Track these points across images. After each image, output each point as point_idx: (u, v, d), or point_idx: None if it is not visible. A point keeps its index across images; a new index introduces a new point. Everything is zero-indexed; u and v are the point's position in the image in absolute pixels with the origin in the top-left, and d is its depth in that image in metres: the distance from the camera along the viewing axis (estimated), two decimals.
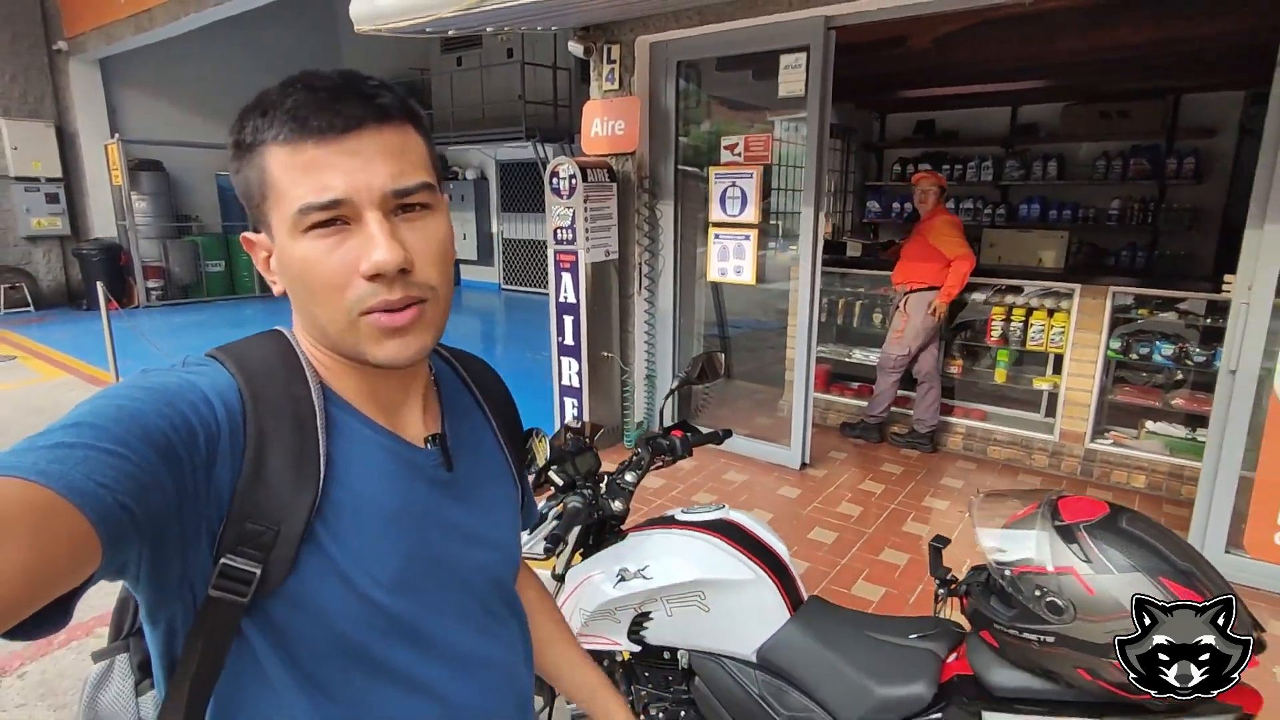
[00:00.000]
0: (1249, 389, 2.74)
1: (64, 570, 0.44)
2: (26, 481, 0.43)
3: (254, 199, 0.62)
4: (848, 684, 1.36)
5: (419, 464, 0.69)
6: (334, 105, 0.58)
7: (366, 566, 0.62)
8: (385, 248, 0.58)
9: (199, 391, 0.58)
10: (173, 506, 0.52)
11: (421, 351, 0.63)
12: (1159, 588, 1.03)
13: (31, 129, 9.07)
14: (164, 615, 0.59)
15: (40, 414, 5.16)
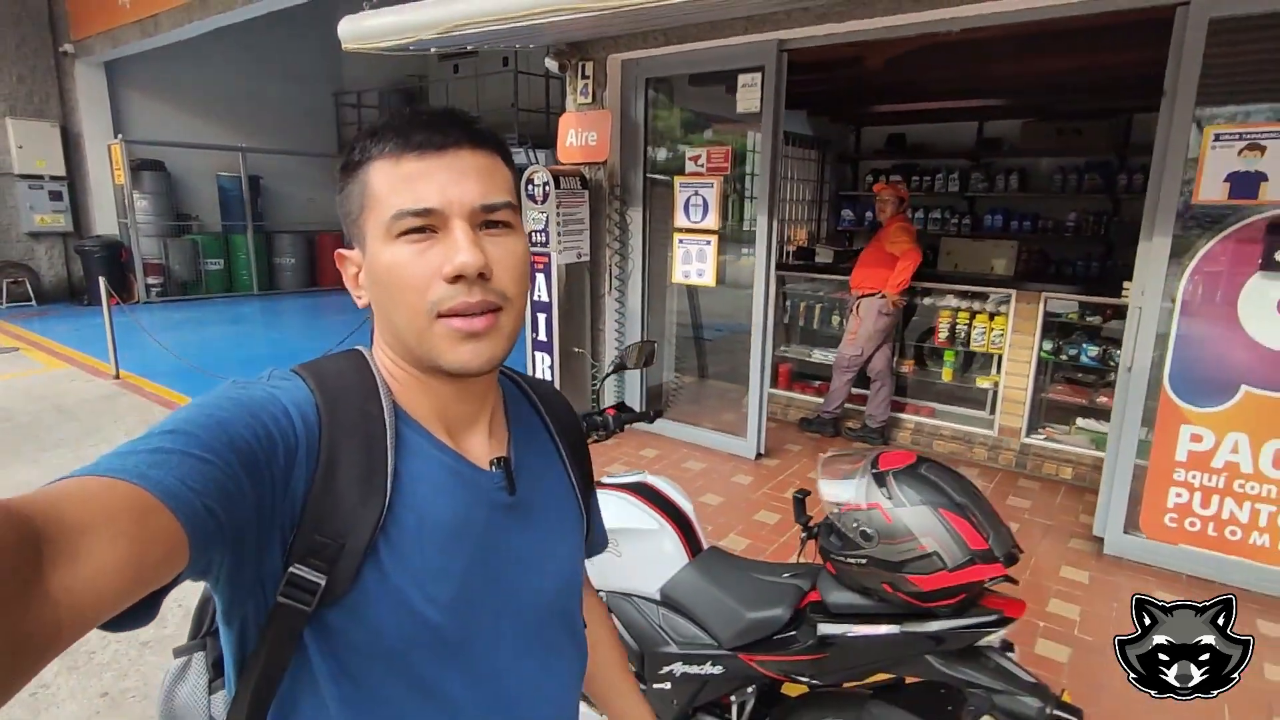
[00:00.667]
0: (1142, 385, 3.04)
1: (159, 567, 0.46)
2: (130, 484, 0.46)
3: (354, 213, 0.67)
4: (726, 611, 1.65)
5: (482, 486, 0.70)
6: (435, 126, 0.65)
7: (423, 585, 0.64)
8: (468, 251, 0.62)
9: (280, 405, 0.61)
10: (252, 512, 0.55)
11: (493, 360, 0.66)
12: (938, 517, 1.32)
13: (37, 128, 9.36)
14: (238, 615, 0.61)
15: (41, 401, 5.43)
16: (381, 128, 0.66)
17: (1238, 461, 2.89)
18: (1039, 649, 2.54)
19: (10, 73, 9.21)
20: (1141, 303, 2.99)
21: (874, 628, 1.42)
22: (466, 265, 0.61)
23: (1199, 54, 2.74)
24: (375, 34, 3.33)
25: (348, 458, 0.62)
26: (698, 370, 5.72)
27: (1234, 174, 2.74)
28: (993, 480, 4.07)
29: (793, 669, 1.53)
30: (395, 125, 0.65)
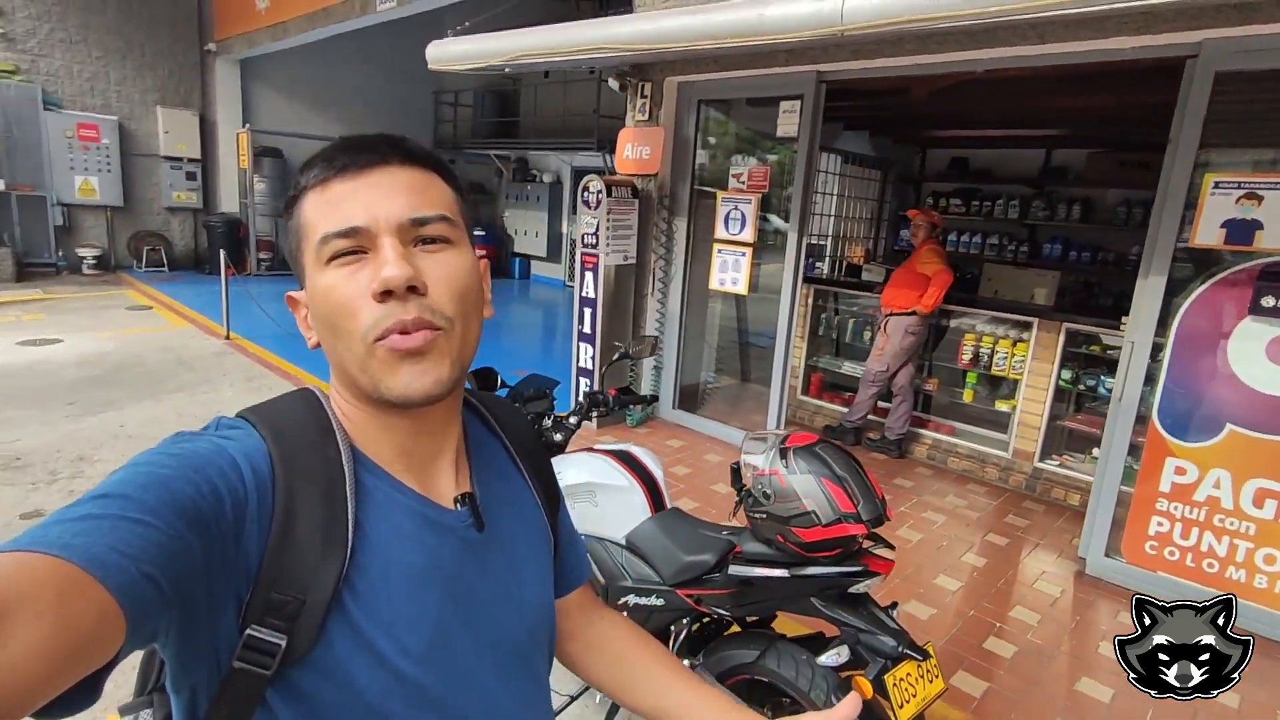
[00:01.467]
0: (1130, 416, 3.18)
1: (90, 644, 0.43)
2: (49, 556, 0.43)
3: (294, 251, 0.65)
4: (670, 555, 2.01)
5: (449, 526, 0.68)
6: (360, 146, 0.63)
7: (395, 636, 0.61)
8: (394, 264, 0.58)
9: (228, 457, 0.57)
10: (200, 575, 0.52)
11: (438, 384, 0.62)
12: (819, 484, 1.65)
13: (181, 116, 10.62)
14: (188, 683, 0.58)
15: (167, 352, 6.33)
16: (311, 158, 0.65)
17: (1219, 497, 2.99)
18: (987, 644, 2.76)
19: (164, 67, 10.49)
20: (1135, 337, 3.14)
21: (770, 571, 1.76)
22: (391, 278, 0.58)
23: (1204, 104, 2.88)
24: (455, 58, 3.84)
25: (305, 508, 0.59)
26: (740, 373, 6.03)
27: (1230, 220, 2.86)
28: (998, 499, 4.22)
29: (713, 601, 1.88)
30: (323, 153, 0.64)
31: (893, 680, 1.60)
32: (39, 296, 8.48)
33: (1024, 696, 2.47)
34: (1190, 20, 2.79)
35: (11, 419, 4.52)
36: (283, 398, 0.68)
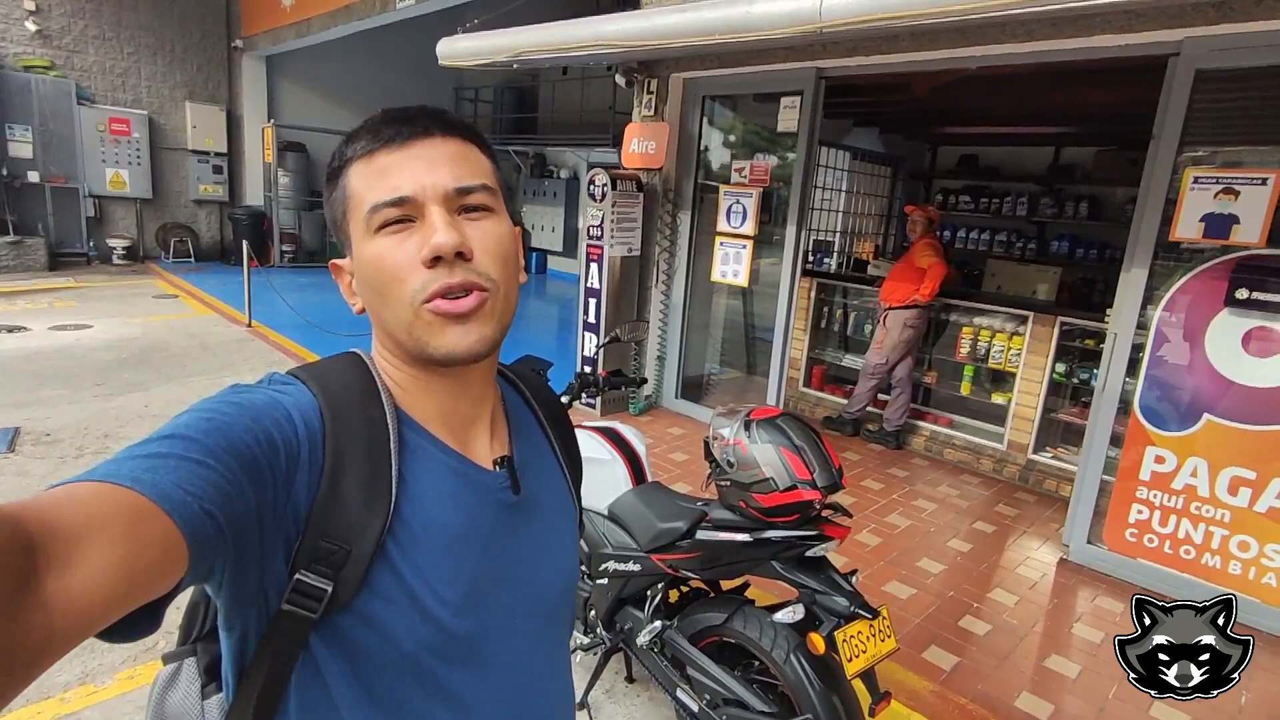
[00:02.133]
0: (1112, 406, 3.25)
1: (155, 572, 0.46)
2: (123, 487, 0.46)
3: (338, 220, 0.68)
4: (647, 523, 2.15)
5: (487, 486, 0.71)
6: (404, 119, 0.65)
7: (434, 586, 0.64)
8: (443, 231, 0.61)
9: (283, 409, 0.60)
10: (254, 518, 0.54)
11: (481, 342, 0.65)
12: (778, 453, 1.77)
13: (208, 111, 10.92)
14: (239, 622, 0.61)
15: (191, 338, 6.57)
16: (355, 131, 0.67)
17: (1196, 485, 3.06)
18: (962, 622, 2.86)
19: (192, 63, 10.80)
20: (1117, 329, 3.21)
21: (734, 535, 1.89)
22: (442, 245, 0.61)
23: (1185, 101, 2.95)
24: (464, 54, 3.99)
25: (352, 462, 0.62)
26: (746, 366, 6.13)
27: (1209, 215, 2.93)
28: (991, 489, 4.30)
29: (682, 564, 2.02)
30: (367, 125, 0.66)
31: (843, 637, 1.72)
32: (71, 284, 8.81)
33: (992, 670, 2.57)
34: (1171, 19, 2.85)
35: (44, 398, 4.77)
36: (331, 359, 0.70)
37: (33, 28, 9.40)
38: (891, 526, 3.68)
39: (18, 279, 8.89)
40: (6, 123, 9.25)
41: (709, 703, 2.03)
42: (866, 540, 3.50)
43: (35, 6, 9.38)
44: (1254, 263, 2.84)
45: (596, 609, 2.33)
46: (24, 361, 5.50)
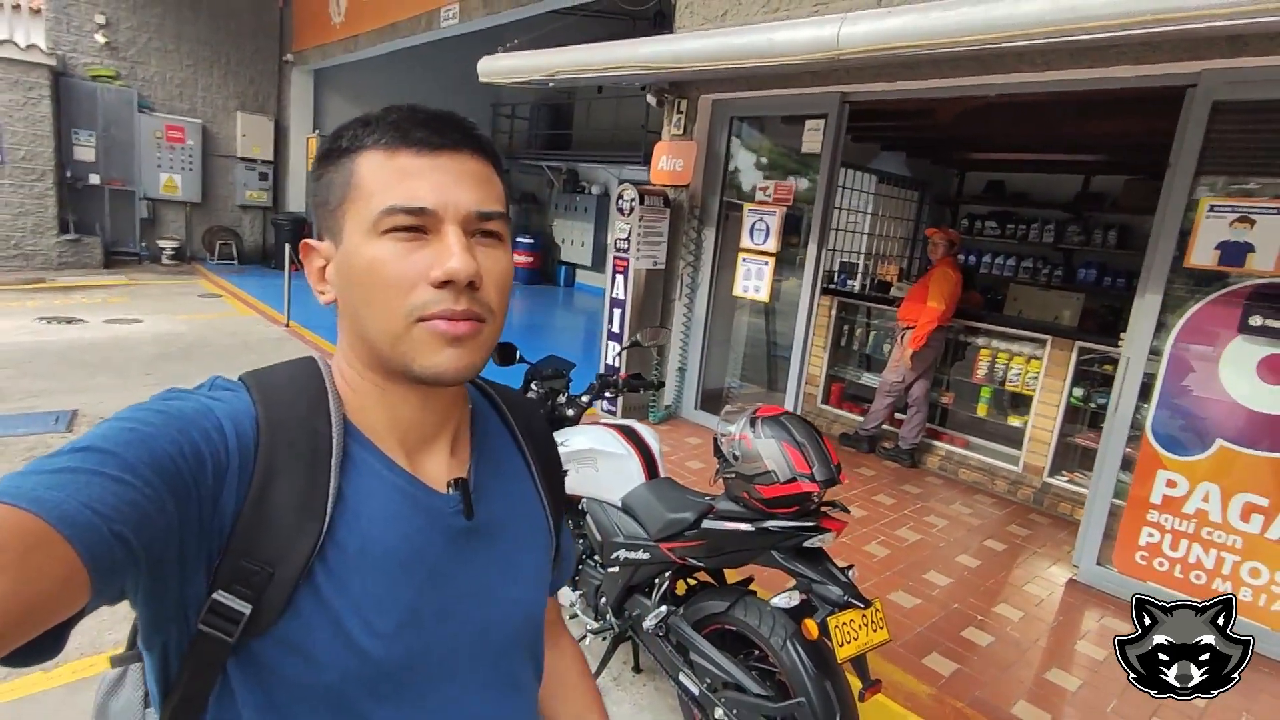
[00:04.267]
0: (1125, 429, 3.28)
1: (49, 602, 0.43)
2: (19, 509, 0.43)
3: (330, 202, 0.63)
4: (657, 514, 2.26)
5: (437, 509, 0.66)
6: (436, 125, 0.63)
7: (364, 615, 0.60)
8: (461, 257, 0.59)
9: (214, 418, 0.57)
10: (174, 534, 0.52)
11: (471, 369, 0.63)
12: (780, 448, 1.88)
13: (257, 121, 11.40)
14: (159, 640, 0.58)
15: (233, 336, 6.86)
16: (376, 118, 0.64)
17: (1207, 510, 3.08)
18: (965, 633, 2.91)
19: (245, 75, 11.30)
20: (1130, 353, 3.25)
21: (737, 525, 1.99)
22: (458, 272, 0.59)
23: (1201, 131, 3.02)
24: (503, 72, 4.20)
25: (286, 477, 0.58)
26: (767, 383, 6.22)
27: (1224, 243, 2.98)
28: (1004, 510, 4.32)
29: (688, 553, 2.12)
30: (393, 119, 0.63)
31: (836, 623, 1.81)
32: (123, 282, 9.23)
33: (991, 679, 2.62)
34: (1188, 51, 2.93)
35: (98, 384, 5.05)
36: (284, 364, 0.67)
37: (102, 40, 9.95)
38: (901, 540, 3.73)
39: (75, 275, 9.35)
40: (73, 128, 9.77)
41: (709, 686, 2.12)
42: (875, 551, 3.56)
43: (105, 20, 9.93)
44: (1269, 290, 2.88)
45: (607, 595, 2.44)
46: (81, 351, 5.81)
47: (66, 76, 9.66)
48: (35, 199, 9.40)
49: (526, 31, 6.83)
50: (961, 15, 2.31)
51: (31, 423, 4.27)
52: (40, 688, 2.25)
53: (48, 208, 9.50)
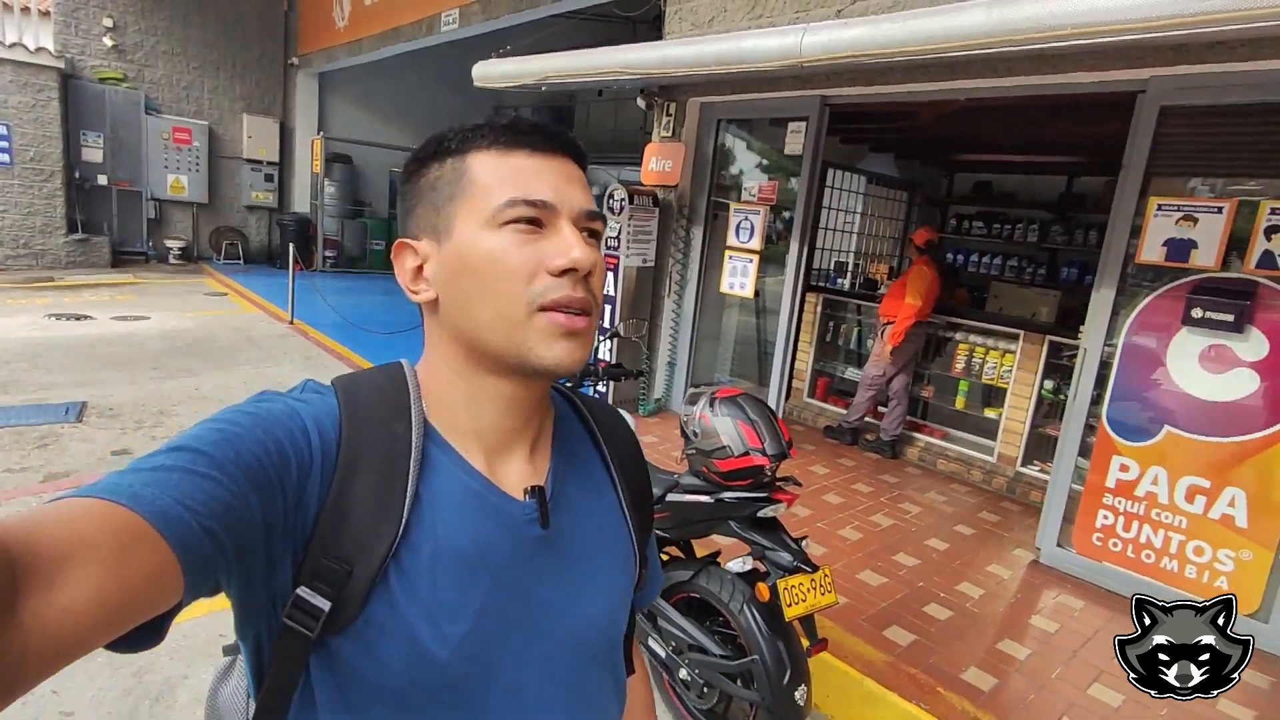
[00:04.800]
0: (1082, 417, 3.46)
1: (146, 595, 0.45)
2: (118, 505, 0.45)
3: (439, 200, 0.66)
4: None
5: (512, 516, 0.67)
6: (542, 131, 0.67)
7: (434, 620, 0.61)
8: (582, 248, 0.63)
9: (299, 420, 0.60)
10: (260, 531, 0.54)
11: (582, 362, 0.65)
12: (734, 425, 2.06)
13: (263, 123, 11.63)
14: (251, 632, 0.61)
15: (238, 332, 7.07)
16: (484, 124, 0.67)
17: (1156, 492, 3.25)
18: (926, 608, 3.08)
19: (251, 78, 11.53)
20: (1088, 344, 3.43)
21: (697, 497, 2.17)
22: (581, 260, 0.62)
23: (1150, 135, 3.19)
24: (497, 77, 4.39)
25: (365, 478, 0.60)
26: (757, 378, 6.40)
27: (1171, 240, 3.15)
28: (978, 498, 4.49)
29: (655, 524, 2.30)
30: (501, 124, 0.66)
31: (784, 586, 2.00)
32: (130, 280, 9.45)
33: (946, 648, 2.79)
34: (1136, 59, 3.10)
35: (106, 378, 5.25)
36: (374, 368, 0.69)
37: (109, 43, 10.18)
38: (874, 525, 3.90)
39: (83, 274, 9.58)
40: (81, 129, 10.00)
41: (674, 649, 2.30)
42: (848, 535, 3.74)
43: (113, 23, 10.16)
44: (1209, 284, 3.05)
45: None
46: (89, 346, 6.02)
47: (75, 79, 9.89)
48: (44, 199, 9.63)
49: (524, 36, 7.03)
50: (908, 27, 2.49)
51: (43, 413, 4.48)
52: None
53: (56, 208, 9.73)
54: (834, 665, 2.61)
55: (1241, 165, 3.07)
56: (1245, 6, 1.90)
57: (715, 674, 2.18)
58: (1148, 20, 1.99)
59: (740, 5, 4.41)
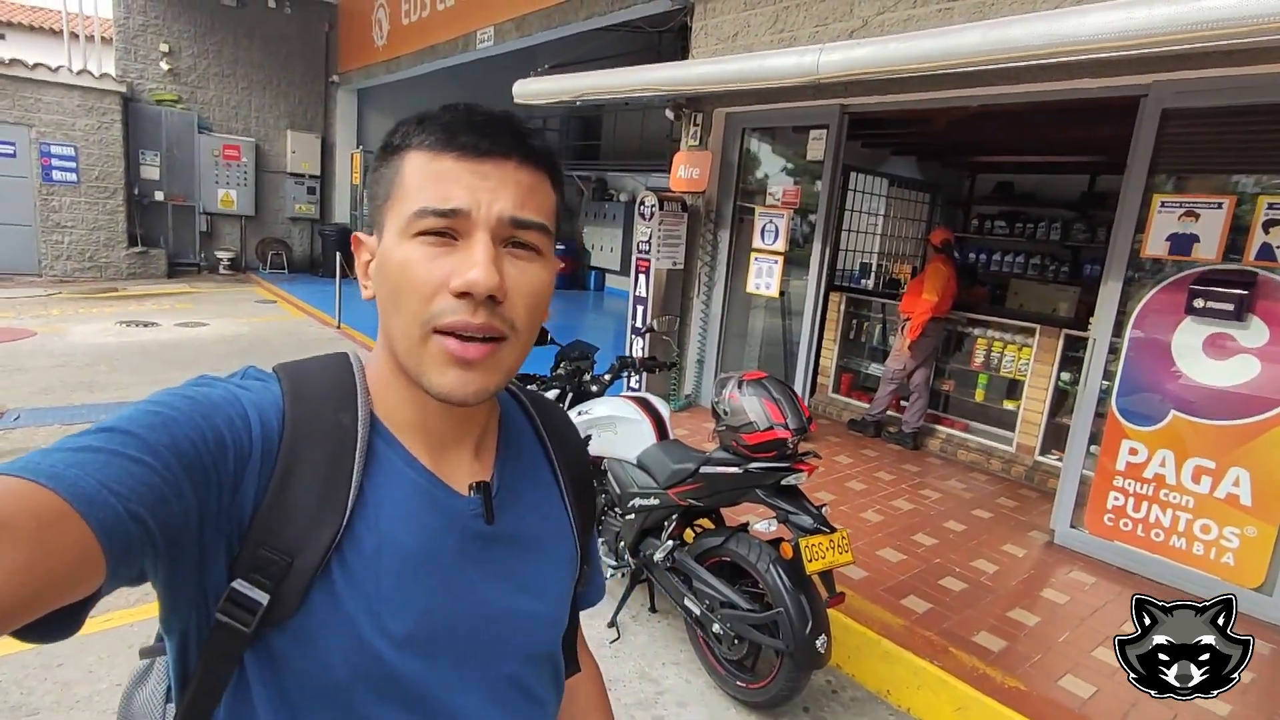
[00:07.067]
0: (1093, 403, 3.64)
1: (64, 579, 0.43)
2: (36, 484, 0.43)
3: (379, 198, 0.63)
4: (664, 466, 2.72)
5: (457, 511, 0.66)
6: (485, 130, 0.61)
7: (377, 615, 0.59)
8: (483, 268, 0.57)
9: (239, 407, 0.58)
10: (193, 519, 0.52)
11: (482, 393, 0.61)
12: (760, 403, 2.32)
13: (306, 139, 12.18)
14: (177, 627, 0.58)
15: (288, 336, 7.51)
16: (429, 117, 0.62)
17: (1164, 474, 3.43)
18: (942, 581, 3.30)
19: (295, 95, 12.10)
20: (1097, 334, 3.62)
21: (727, 468, 2.44)
22: (476, 283, 0.57)
23: (1153, 136, 3.38)
24: (535, 94, 4.71)
25: (308, 470, 0.58)
26: (783, 374, 6.63)
27: (1174, 234, 3.34)
28: (997, 485, 4.68)
29: (689, 494, 2.58)
30: (444, 120, 0.62)
31: (806, 544, 2.25)
32: (187, 290, 10.00)
33: (959, 615, 3.01)
34: (1139, 66, 3.30)
35: (176, 377, 5.60)
36: (318, 357, 0.67)
37: (165, 67, 10.80)
38: (895, 509, 4.12)
39: (144, 284, 10.17)
40: (140, 149, 10.61)
41: (708, 607, 2.57)
42: (870, 518, 3.96)
43: (168, 49, 10.77)
44: (1211, 276, 3.23)
45: (624, 539, 2.90)
46: (159, 349, 6.49)
47: (134, 101, 10.51)
48: (107, 215, 10.25)
49: (554, 51, 7.37)
50: (914, 46, 2.73)
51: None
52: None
53: (118, 223, 10.35)
54: (853, 628, 2.85)
55: (1241, 163, 3.26)
56: (1182, 28, 2.10)
57: (745, 626, 2.44)
58: (1122, 39, 2.21)
59: (763, 21, 4.68)
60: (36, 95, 9.50)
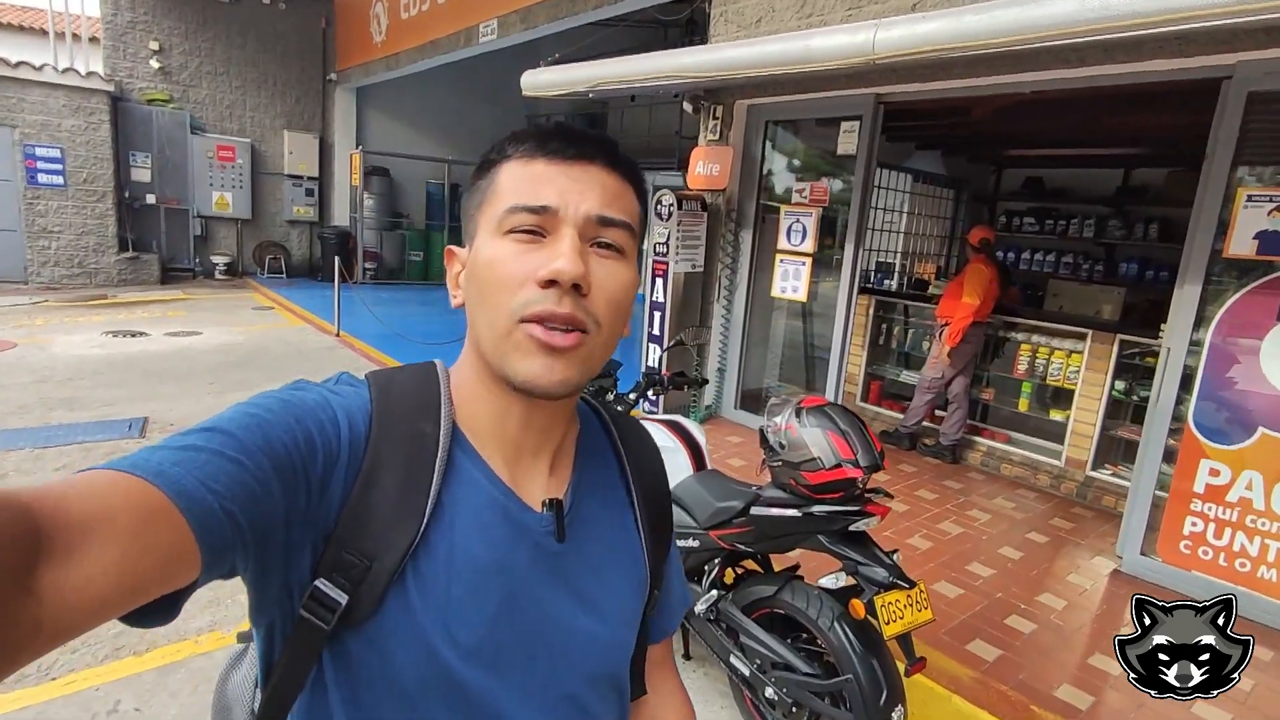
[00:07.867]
0: (1166, 419, 3.30)
1: (162, 571, 0.45)
2: (142, 481, 0.45)
3: (471, 208, 0.67)
4: (705, 503, 2.38)
5: (528, 527, 0.66)
6: (573, 138, 0.65)
7: (446, 623, 0.60)
8: (568, 258, 0.59)
9: (331, 411, 0.60)
10: (280, 518, 0.54)
11: (566, 384, 0.62)
12: (825, 436, 1.99)
13: (303, 139, 11.84)
14: (265, 620, 0.60)
15: (287, 345, 7.17)
16: (522, 132, 0.66)
17: (1251, 498, 3.09)
18: (1009, 621, 2.96)
19: (291, 95, 11.76)
20: (1171, 343, 3.28)
21: (784, 510, 2.10)
22: (563, 271, 0.59)
23: (1237, 122, 3.04)
24: (545, 85, 4.38)
25: (390, 474, 0.60)
26: (805, 383, 6.29)
27: (1263, 232, 2.99)
28: (1048, 504, 4.34)
29: (736, 538, 2.24)
30: (536, 132, 0.65)
31: (882, 603, 1.91)
32: (180, 296, 9.67)
33: (1034, 664, 2.67)
34: (1222, 44, 2.96)
35: (165, 392, 5.35)
36: (407, 366, 0.69)
37: (156, 65, 10.46)
38: (943, 533, 3.78)
39: (135, 291, 9.83)
40: (130, 150, 10.28)
41: (759, 667, 2.23)
42: (918, 544, 3.62)
43: (159, 46, 10.44)
44: None
45: None
46: (147, 362, 6.15)
47: (123, 101, 10.18)
48: (96, 219, 9.92)
49: (557, 44, 7.03)
50: (994, 18, 2.40)
51: (109, 429, 4.57)
52: (133, 670, 2.46)
53: (108, 227, 10.01)
54: (919, 681, 2.51)
55: None
56: None
57: (804, 693, 2.10)
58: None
59: (789, 5, 4.34)
60: (20, 95, 9.16)
